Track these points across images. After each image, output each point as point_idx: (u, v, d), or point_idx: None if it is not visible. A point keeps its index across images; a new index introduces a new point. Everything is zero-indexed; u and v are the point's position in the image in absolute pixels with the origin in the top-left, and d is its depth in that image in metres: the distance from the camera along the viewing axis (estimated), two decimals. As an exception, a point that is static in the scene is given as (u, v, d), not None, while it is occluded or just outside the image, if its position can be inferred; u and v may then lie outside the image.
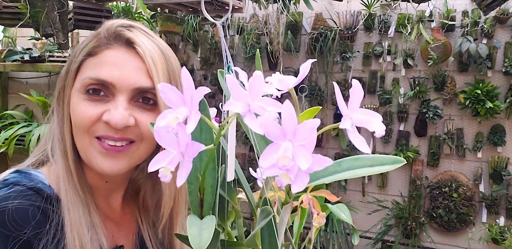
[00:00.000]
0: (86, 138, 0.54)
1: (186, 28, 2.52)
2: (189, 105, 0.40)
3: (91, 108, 0.53)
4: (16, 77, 3.24)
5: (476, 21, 2.14)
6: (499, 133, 2.15)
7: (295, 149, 0.36)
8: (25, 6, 1.86)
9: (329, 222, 2.30)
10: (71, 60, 0.55)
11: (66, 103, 0.55)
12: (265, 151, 0.36)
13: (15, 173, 0.55)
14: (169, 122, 0.38)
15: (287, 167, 0.35)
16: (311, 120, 0.36)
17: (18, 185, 0.52)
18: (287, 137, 0.36)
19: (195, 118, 0.39)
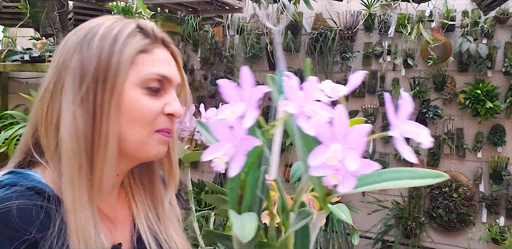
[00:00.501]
0: (146, 131, 0.56)
1: (186, 28, 2.52)
2: (247, 102, 0.42)
3: (154, 102, 0.56)
4: (16, 77, 3.24)
5: (476, 21, 2.14)
6: (499, 133, 2.15)
7: (344, 151, 0.38)
8: (25, 6, 1.86)
9: (329, 222, 2.30)
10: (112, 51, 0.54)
11: (115, 97, 0.54)
12: (314, 151, 0.38)
13: (9, 174, 0.53)
14: (227, 116, 0.41)
15: (336, 167, 0.37)
16: (362, 125, 0.39)
17: (16, 185, 0.51)
18: (337, 139, 0.38)
19: (252, 115, 0.41)
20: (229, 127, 0.42)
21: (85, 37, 0.55)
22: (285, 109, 0.41)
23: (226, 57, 2.62)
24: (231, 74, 2.65)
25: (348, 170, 0.38)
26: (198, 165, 2.86)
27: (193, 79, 2.75)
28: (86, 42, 0.55)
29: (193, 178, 2.79)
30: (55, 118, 0.53)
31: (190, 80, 2.77)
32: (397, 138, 0.40)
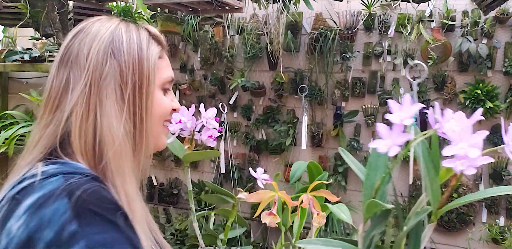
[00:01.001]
0: (162, 125, 0.66)
1: (186, 28, 2.52)
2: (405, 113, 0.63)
3: (168, 100, 0.67)
4: (16, 77, 3.24)
5: (476, 21, 2.14)
6: (499, 133, 2.15)
7: (467, 148, 0.58)
8: (25, 6, 1.86)
9: (329, 222, 2.30)
10: (142, 58, 0.61)
11: (149, 100, 0.61)
12: (447, 148, 0.59)
13: (52, 164, 0.55)
14: (394, 120, 0.61)
15: (461, 157, 0.57)
16: (481, 132, 0.61)
17: (68, 173, 0.52)
18: (463, 140, 0.59)
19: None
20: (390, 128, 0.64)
21: (112, 43, 0.59)
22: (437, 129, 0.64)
23: (226, 57, 2.62)
24: (231, 74, 2.65)
25: (471, 159, 0.57)
26: (198, 165, 2.86)
27: (193, 79, 2.75)
28: (116, 47, 0.59)
29: (193, 178, 2.79)
30: (93, 120, 0.57)
31: (190, 80, 2.77)
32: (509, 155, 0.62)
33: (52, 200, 0.48)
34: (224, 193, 1.36)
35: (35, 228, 0.47)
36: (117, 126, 0.57)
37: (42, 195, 0.49)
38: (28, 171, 0.54)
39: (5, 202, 0.52)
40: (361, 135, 2.44)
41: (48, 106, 0.59)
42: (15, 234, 0.47)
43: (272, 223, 1.06)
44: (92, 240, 0.46)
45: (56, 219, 0.47)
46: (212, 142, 1.30)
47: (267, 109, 2.62)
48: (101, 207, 0.49)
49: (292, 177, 1.34)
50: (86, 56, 0.58)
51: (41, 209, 0.48)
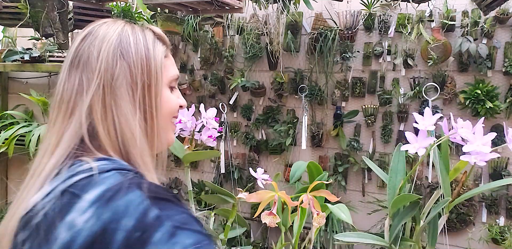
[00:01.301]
0: (171, 122, 0.70)
1: (186, 28, 2.52)
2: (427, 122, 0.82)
3: (175, 97, 0.70)
4: (16, 77, 3.24)
5: (476, 21, 2.14)
6: (499, 133, 2.15)
7: (479, 146, 0.75)
8: (25, 6, 1.86)
9: (329, 222, 2.30)
10: (149, 58, 0.63)
11: (158, 98, 0.64)
12: (466, 146, 0.74)
13: (102, 160, 0.58)
14: (420, 127, 0.77)
15: (477, 152, 0.74)
16: (489, 134, 0.77)
17: (120, 169, 0.56)
18: (475, 142, 0.75)
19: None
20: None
21: (120, 44, 0.62)
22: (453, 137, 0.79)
23: (226, 57, 2.62)
24: (231, 74, 2.65)
25: (482, 155, 0.74)
26: (198, 165, 2.86)
27: (193, 79, 2.75)
28: (125, 48, 0.62)
29: (193, 178, 2.79)
30: (111, 119, 0.60)
31: (190, 80, 2.77)
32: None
33: (123, 193, 0.52)
34: (224, 193, 1.36)
35: (109, 219, 0.50)
36: (134, 124, 0.60)
37: (106, 188, 0.52)
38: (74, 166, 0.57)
39: (55, 195, 0.54)
40: (361, 135, 2.44)
41: (63, 108, 0.61)
42: (83, 227, 0.50)
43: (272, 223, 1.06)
44: (175, 221, 0.51)
45: (133, 208, 0.50)
46: (212, 142, 1.30)
47: (267, 109, 2.62)
48: (167, 195, 0.55)
49: (292, 177, 1.34)
50: (97, 59, 0.61)
51: (112, 201, 0.51)
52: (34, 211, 0.54)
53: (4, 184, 3.30)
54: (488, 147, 0.73)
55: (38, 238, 0.52)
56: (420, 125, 0.78)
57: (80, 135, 0.59)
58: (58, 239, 0.50)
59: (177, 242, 0.50)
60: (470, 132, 0.75)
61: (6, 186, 3.31)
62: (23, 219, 0.55)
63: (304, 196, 1.08)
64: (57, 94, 0.63)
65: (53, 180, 0.56)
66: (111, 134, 0.59)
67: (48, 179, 0.57)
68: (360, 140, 2.42)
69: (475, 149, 0.73)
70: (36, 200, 0.55)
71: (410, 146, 0.78)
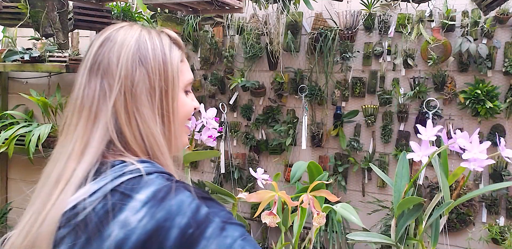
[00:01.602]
0: (185, 125, 0.72)
1: (186, 28, 2.52)
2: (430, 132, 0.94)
3: (189, 100, 0.72)
4: (16, 77, 3.24)
5: (476, 21, 2.14)
6: (499, 133, 2.15)
7: (477, 154, 0.85)
8: (25, 6, 1.86)
9: (329, 222, 2.30)
10: (166, 64, 0.65)
11: (175, 103, 0.67)
12: (465, 154, 0.84)
13: (144, 162, 0.61)
14: (423, 138, 0.91)
15: (475, 159, 0.84)
16: (484, 143, 0.88)
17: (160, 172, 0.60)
18: (473, 150, 0.86)
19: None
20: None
21: (139, 50, 0.64)
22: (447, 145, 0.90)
23: (226, 57, 2.62)
24: (231, 74, 2.65)
25: (479, 161, 0.84)
26: (198, 165, 2.86)
27: (193, 79, 2.75)
28: (143, 54, 0.64)
29: (193, 178, 2.79)
30: (136, 125, 0.63)
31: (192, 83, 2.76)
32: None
33: (174, 193, 0.56)
34: (224, 193, 1.36)
35: (163, 218, 0.53)
36: (155, 129, 0.63)
37: (156, 189, 0.56)
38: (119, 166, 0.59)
39: (103, 194, 0.56)
40: (361, 135, 2.44)
41: (84, 113, 0.62)
42: (137, 226, 0.53)
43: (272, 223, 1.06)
44: (221, 216, 0.57)
45: (184, 208, 0.55)
46: (212, 142, 1.30)
47: (267, 109, 2.62)
48: (209, 195, 0.60)
49: (292, 177, 1.34)
50: (117, 65, 0.63)
51: (165, 201, 0.55)
52: (77, 209, 0.56)
53: (4, 184, 3.30)
54: (484, 154, 0.84)
55: (85, 235, 0.54)
56: (423, 135, 0.88)
57: (107, 139, 0.62)
58: (111, 237, 0.53)
59: (227, 236, 0.55)
60: (467, 142, 0.85)
61: (6, 186, 3.31)
62: (64, 215, 0.56)
63: (304, 196, 1.08)
64: (76, 99, 0.64)
65: (97, 180, 0.58)
66: (137, 138, 0.62)
67: (89, 179, 0.58)
68: (360, 140, 2.42)
69: (473, 156, 0.83)
70: (78, 199, 0.56)
71: (414, 154, 0.88)
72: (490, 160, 0.87)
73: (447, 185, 0.95)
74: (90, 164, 0.60)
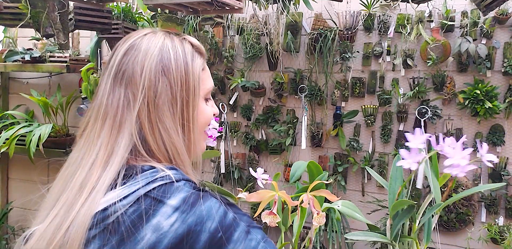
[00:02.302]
0: (204, 132, 0.74)
1: (186, 28, 2.53)
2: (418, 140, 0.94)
3: (209, 108, 0.73)
4: (17, 78, 3.24)
5: (475, 22, 2.14)
6: (498, 133, 2.16)
7: (458, 160, 0.87)
8: (25, 7, 1.87)
9: (329, 221, 2.31)
10: (188, 74, 0.67)
11: (195, 112, 0.68)
12: (447, 160, 0.87)
13: (172, 169, 0.64)
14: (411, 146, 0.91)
15: (457, 166, 0.86)
16: (466, 150, 0.89)
17: (186, 180, 0.63)
18: (454, 156, 0.88)
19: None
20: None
21: (162, 60, 0.65)
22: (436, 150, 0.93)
23: (226, 57, 2.63)
24: (231, 74, 2.65)
25: (461, 167, 0.86)
26: (198, 165, 2.86)
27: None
28: (166, 65, 0.65)
29: (193, 178, 2.79)
30: (159, 134, 0.64)
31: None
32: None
33: (203, 200, 0.59)
34: (224, 192, 1.36)
35: (194, 223, 0.57)
36: (177, 139, 0.65)
37: (186, 196, 0.59)
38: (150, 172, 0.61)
39: (135, 198, 0.58)
40: (361, 135, 2.44)
41: (108, 121, 0.64)
42: (169, 230, 0.56)
43: (272, 222, 1.07)
44: (245, 221, 0.62)
45: (213, 213, 0.58)
46: (212, 142, 1.31)
47: (267, 109, 2.63)
48: (232, 202, 0.63)
49: (292, 177, 1.34)
50: (140, 75, 0.64)
51: (195, 207, 0.58)
52: (108, 211, 0.58)
53: (5, 184, 3.30)
54: (465, 160, 0.88)
55: (117, 237, 0.56)
56: (412, 143, 0.90)
57: (132, 147, 0.63)
58: (144, 240, 0.55)
59: (252, 238, 0.60)
60: (451, 148, 0.89)
61: (7, 186, 3.32)
62: (95, 217, 0.58)
63: (304, 195, 1.09)
64: (99, 106, 0.65)
65: (128, 184, 0.60)
66: (160, 147, 0.64)
67: (118, 183, 0.60)
68: (360, 140, 2.43)
69: (454, 163, 0.88)
70: (109, 202, 0.58)
71: (404, 161, 0.92)
72: (472, 165, 0.89)
73: (438, 186, 0.99)
74: (116, 172, 0.61)
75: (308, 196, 1.09)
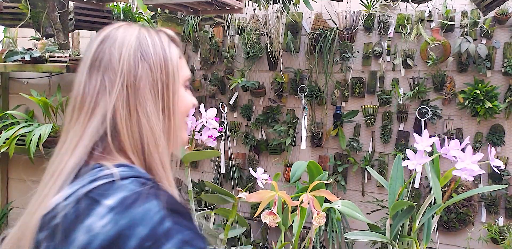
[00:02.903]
0: (184, 121, 0.72)
1: (186, 28, 2.53)
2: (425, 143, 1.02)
3: (190, 96, 0.72)
4: (17, 78, 3.24)
5: (475, 22, 2.14)
6: (498, 133, 2.16)
7: (469, 164, 0.90)
8: (25, 7, 1.87)
9: (329, 221, 2.31)
10: (167, 60, 0.66)
11: (176, 97, 0.67)
12: (458, 163, 0.92)
13: (121, 167, 0.60)
14: (418, 148, 0.95)
15: (467, 169, 0.91)
16: (477, 154, 0.96)
17: (137, 177, 0.58)
18: (466, 159, 0.90)
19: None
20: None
21: (140, 46, 0.64)
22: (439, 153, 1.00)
23: (226, 57, 2.63)
24: (231, 74, 2.65)
25: (471, 171, 0.90)
26: (198, 165, 2.86)
27: (193, 80, 2.76)
28: (144, 50, 0.64)
29: (193, 178, 2.80)
30: (136, 119, 0.62)
31: (190, 81, 2.77)
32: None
33: (141, 201, 0.54)
34: (224, 192, 1.36)
35: (126, 226, 0.52)
36: (157, 124, 0.63)
37: (125, 196, 0.54)
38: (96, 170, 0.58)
39: (75, 199, 0.56)
40: (361, 135, 2.44)
41: (84, 110, 0.62)
42: (100, 231, 0.52)
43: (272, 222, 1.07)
44: (184, 235, 0.54)
45: (149, 217, 0.53)
46: (212, 142, 1.31)
47: (267, 109, 2.63)
48: (181, 208, 0.57)
49: (292, 177, 1.34)
50: (119, 60, 0.63)
51: (131, 209, 0.53)
52: (54, 212, 0.56)
53: (5, 184, 3.30)
54: (476, 165, 0.90)
55: (56, 239, 0.54)
56: (419, 145, 0.93)
57: (100, 134, 0.61)
58: (76, 241, 0.52)
59: None
60: (460, 151, 0.90)
61: (7, 186, 3.32)
62: (43, 219, 0.57)
63: (304, 195, 1.09)
64: (76, 96, 0.64)
65: (74, 183, 0.58)
66: (134, 134, 0.61)
67: (68, 180, 0.58)
68: (360, 140, 2.43)
69: (465, 167, 0.89)
70: (56, 202, 0.56)
71: (409, 162, 0.94)
72: (482, 170, 0.91)
73: (439, 186, 1.01)
74: (79, 161, 0.59)
75: (308, 196, 1.09)
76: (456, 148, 0.92)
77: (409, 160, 0.96)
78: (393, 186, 1.10)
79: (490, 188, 1.21)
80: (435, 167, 1.04)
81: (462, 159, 0.90)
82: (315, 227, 1.17)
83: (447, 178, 1.05)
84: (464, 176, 0.90)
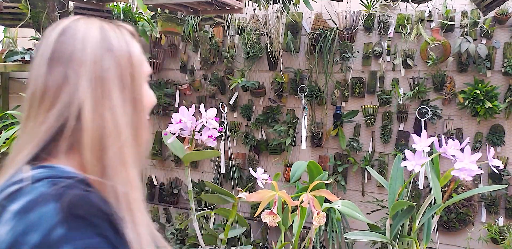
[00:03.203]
0: (147, 118, 0.68)
1: (186, 28, 2.53)
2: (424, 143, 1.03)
3: (152, 93, 0.69)
4: (17, 78, 3.25)
5: (475, 22, 2.14)
6: (498, 132, 2.16)
7: (467, 164, 0.92)
8: (25, 7, 1.87)
9: (329, 221, 2.31)
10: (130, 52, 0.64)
11: (142, 91, 0.65)
12: (456, 163, 0.92)
13: (39, 168, 0.55)
14: (417, 148, 0.99)
15: (465, 169, 0.91)
16: (475, 154, 0.97)
17: (55, 177, 0.53)
18: (465, 159, 0.91)
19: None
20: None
21: (104, 38, 0.62)
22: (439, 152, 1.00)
23: (226, 57, 2.63)
24: (231, 74, 2.65)
25: (470, 171, 0.90)
26: (198, 165, 2.86)
27: (193, 80, 2.76)
28: (108, 41, 0.62)
29: (193, 178, 2.80)
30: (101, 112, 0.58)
31: (190, 81, 2.77)
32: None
33: (40, 205, 0.49)
34: (224, 192, 1.36)
35: (22, 232, 0.48)
36: (122, 118, 0.60)
37: (29, 200, 0.50)
38: (15, 175, 0.55)
39: None
40: (361, 135, 2.44)
41: (43, 105, 0.58)
42: (4, 239, 0.49)
43: (272, 222, 1.07)
44: (78, 245, 0.48)
45: (43, 223, 0.48)
46: (212, 142, 1.31)
47: (267, 109, 2.63)
48: (88, 212, 0.50)
49: (292, 177, 1.34)
50: (82, 52, 0.59)
51: (29, 213, 0.49)
52: None
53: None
54: (474, 165, 0.90)
55: None
56: (418, 146, 0.93)
57: (54, 132, 0.57)
58: None
59: None
60: (459, 151, 0.90)
61: (7, 186, 3.32)
62: None
63: (304, 195, 1.09)
64: (34, 91, 0.59)
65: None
66: (97, 128, 0.57)
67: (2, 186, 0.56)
68: (360, 140, 2.43)
69: (464, 166, 0.90)
70: None
71: (408, 162, 0.94)
72: (481, 170, 0.91)
73: (438, 187, 1.02)
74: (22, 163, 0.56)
75: (308, 196, 1.09)
76: (454, 147, 0.94)
77: (408, 160, 0.96)
78: (393, 186, 1.11)
79: (490, 188, 1.21)
80: (435, 167, 1.04)
81: (460, 159, 0.90)
82: (315, 227, 1.17)
83: (447, 178, 1.06)
84: (463, 176, 0.90)
